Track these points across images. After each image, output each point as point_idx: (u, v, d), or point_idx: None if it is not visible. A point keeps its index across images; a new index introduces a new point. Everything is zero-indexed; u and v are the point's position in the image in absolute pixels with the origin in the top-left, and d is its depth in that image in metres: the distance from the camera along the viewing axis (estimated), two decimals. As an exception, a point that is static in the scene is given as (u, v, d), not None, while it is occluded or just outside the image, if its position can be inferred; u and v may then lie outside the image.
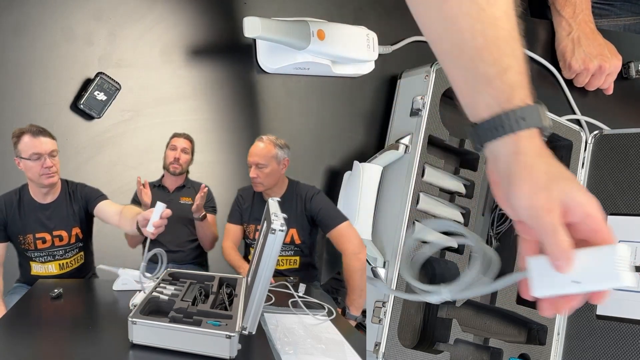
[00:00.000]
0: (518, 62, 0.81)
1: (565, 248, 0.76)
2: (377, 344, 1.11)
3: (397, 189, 1.17)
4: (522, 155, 0.79)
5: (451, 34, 0.82)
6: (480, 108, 0.82)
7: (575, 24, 1.50)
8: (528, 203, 0.78)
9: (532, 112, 0.80)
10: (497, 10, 0.80)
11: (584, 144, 1.33)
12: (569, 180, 0.79)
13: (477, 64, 0.81)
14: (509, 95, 0.80)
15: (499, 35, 0.80)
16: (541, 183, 0.77)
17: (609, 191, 1.28)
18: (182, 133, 1.21)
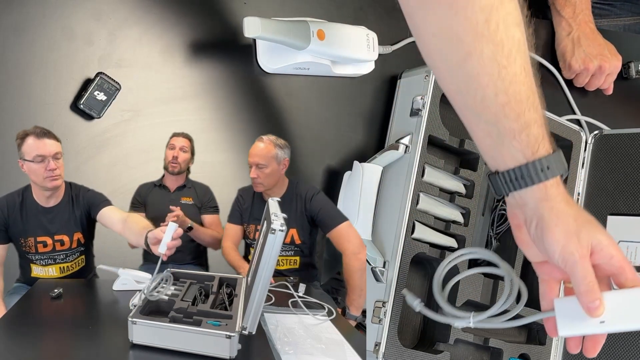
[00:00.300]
0: (539, 115, 0.85)
1: (598, 294, 0.82)
2: (377, 344, 1.11)
3: (397, 189, 1.17)
4: (551, 202, 0.85)
5: (474, 91, 0.84)
6: (506, 159, 0.86)
7: (575, 24, 1.50)
8: (562, 248, 0.84)
9: (555, 160, 0.85)
10: (517, 67, 0.83)
11: (584, 144, 1.33)
12: (593, 224, 0.85)
13: (501, 119, 0.84)
14: (534, 148, 0.85)
15: (520, 91, 0.83)
16: (572, 229, 0.84)
17: (609, 191, 1.28)
18: (181, 132, 1.21)
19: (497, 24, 0.82)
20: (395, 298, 1.13)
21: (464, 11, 0.82)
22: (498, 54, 0.82)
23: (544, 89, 1.51)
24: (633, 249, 1.23)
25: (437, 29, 0.84)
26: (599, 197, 1.29)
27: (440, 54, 0.87)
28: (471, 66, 0.83)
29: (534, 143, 0.85)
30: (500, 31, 0.82)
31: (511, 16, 0.83)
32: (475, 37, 0.82)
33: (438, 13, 0.83)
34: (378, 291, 1.14)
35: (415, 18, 0.86)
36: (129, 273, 1.21)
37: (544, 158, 0.85)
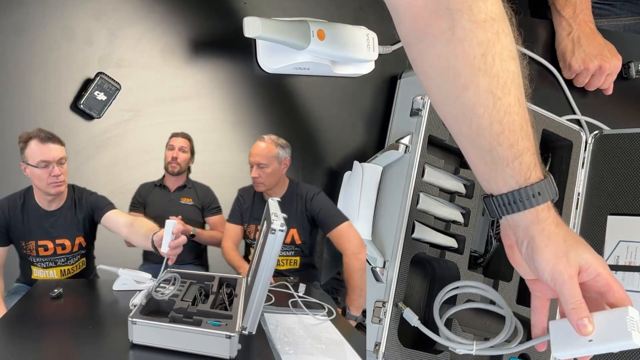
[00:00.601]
0: (531, 144, 0.89)
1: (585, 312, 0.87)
2: (377, 344, 1.11)
3: (397, 189, 1.17)
4: (542, 224, 0.89)
5: (469, 120, 0.88)
6: (499, 184, 0.91)
7: (575, 24, 1.50)
8: (551, 268, 0.88)
9: (546, 186, 0.89)
10: (512, 98, 0.86)
11: (584, 144, 1.33)
12: (581, 244, 0.90)
13: (495, 148, 0.88)
14: (527, 175, 0.89)
15: (514, 121, 0.87)
16: (561, 249, 0.88)
17: (609, 191, 1.28)
18: (180, 132, 1.21)
19: (494, 58, 0.85)
20: (395, 298, 1.13)
21: (462, 46, 0.85)
22: (493, 86, 0.86)
23: (544, 89, 1.52)
24: (633, 249, 1.23)
25: (435, 61, 0.88)
26: (599, 197, 1.29)
27: (438, 85, 0.90)
28: (467, 97, 0.87)
29: (526, 170, 0.89)
30: (496, 65, 0.85)
31: (506, 50, 0.86)
32: (472, 70, 0.85)
33: (436, 47, 0.87)
34: (378, 291, 1.14)
35: (415, 51, 0.90)
36: (129, 273, 1.21)
37: (536, 184, 0.88)
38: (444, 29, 0.86)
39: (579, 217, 1.29)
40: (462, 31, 0.85)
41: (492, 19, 0.85)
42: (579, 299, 0.87)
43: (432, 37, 0.87)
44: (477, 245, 1.29)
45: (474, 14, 0.84)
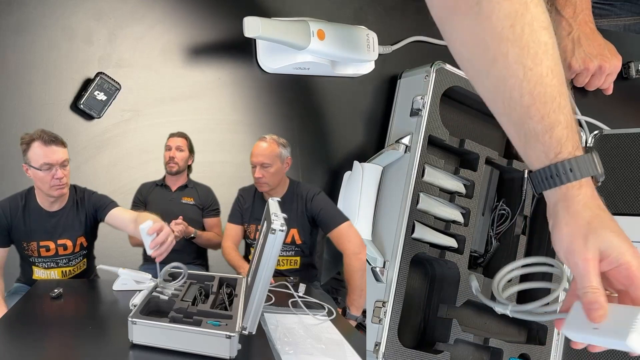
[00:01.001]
0: (565, 117, 0.86)
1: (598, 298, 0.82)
2: (377, 344, 1.11)
3: (397, 189, 1.17)
4: (569, 202, 0.87)
5: (502, 93, 0.87)
6: (533, 160, 0.89)
7: (575, 24, 1.50)
8: (566, 249, 0.86)
9: (581, 163, 0.86)
10: (544, 68, 0.85)
11: (584, 144, 1.33)
12: (608, 229, 0.85)
13: (526, 121, 0.87)
14: (557, 150, 0.87)
15: (545, 92, 0.85)
16: (581, 231, 0.84)
17: (609, 191, 1.28)
18: (177, 132, 1.20)
19: (522, 28, 0.84)
20: (395, 298, 1.13)
21: (490, 19, 0.85)
22: (523, 57, 0.85)
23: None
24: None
25: (466, 37, 0.88)
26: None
27: (471, 62, 0.90)
28: (498, 70, 0.86)
29: (556, 145, 0.86)
30: (526, 35, 0.84)
31: (537, 20, 0.85)
32: (500, 41, 0.85)
33: (465, 23, 0.87)
34: (378, 291, 1.14)
35: (445, 28, 0.90)
36: (129, 273, 1.21)
37: (567, 161, 0.86)
38: (472, 4, 0.85)
39: (579, 217, 1.29)
40: (489, 4, 0.84)
41: None
42: (591, 284, 0.83)
43: (462, 13, 0.87)
44: (477, 245, 1.29)
45: None
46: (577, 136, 0.88)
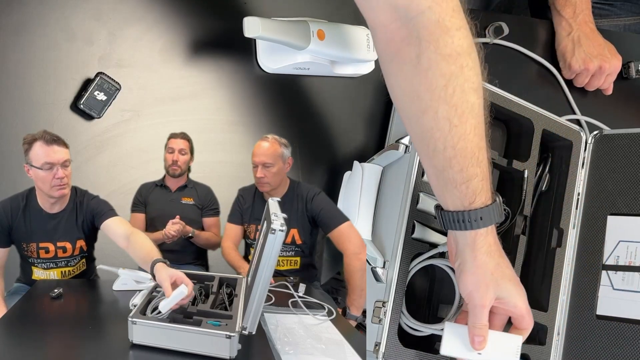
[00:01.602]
0: (482, 170, 0.95)
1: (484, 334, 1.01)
2: (377, 344, 1.10)
3: (397, 189, 1.17)
4: (475, 252, 0.98)
5: (427, 140, 0.94)
6: (448, 202, 0.98)
7: (575, 24, 1.50)
8: (469, 293, 1.00)
9: (489, 212, 0.96)
10: (468, 126, 0.92)
11: (584, 144, 1.33)
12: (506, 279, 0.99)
13: (447, 170, 0.94)
14: (471, 199, 0.96)
15: (466, 147, 0.93)
16: (485, 280, 0.98)
17: (609, 191, 1.28)
18: (179, 133, 1.20)
19: (454, 89, 0.90)
20: (395, 298, 1.13)
21: (426, 74, 0.90)
22: (451, 114, 0.91)
23: (544, 89, 1.52)
24: (633, 249, 1.23)
25: (402, 83, 0.94)
26: (599, 197, 1.29)
27: (403, 105, 0.97)
28: (427, 120, 0.93)
29: (472, 195, 0.95)
30: (457, 95, 0.91)
31: (469, 82, 0.91)
32: (432, 97, 0.91)
33: (404, 70, 0.93)
34: (378, 291, 1.14)
35: (386, 70, 0.96)
36: (129, 273, 1.21)
37: (479, 210, 0.95)
38: (412, 55, 0.91)
39: (579, 217, 1.29)
40: (428, 61, 0.90)
41: (457, 54, 0.90)
42: (483, 323, 1.00)
43: (401, 61, 0.92)
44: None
45: (440, 47, 0.89)
46: (489, 186, 0.97)
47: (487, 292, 0.99)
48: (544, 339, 1.27)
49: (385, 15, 0.91)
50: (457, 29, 0.90)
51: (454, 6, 0.90)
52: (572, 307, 1.26)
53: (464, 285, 1.00)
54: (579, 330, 1.25)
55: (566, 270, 1.27)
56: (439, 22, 0.89)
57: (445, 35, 0.89)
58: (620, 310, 1.21)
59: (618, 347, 1.20)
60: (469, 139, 0.92)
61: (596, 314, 1.24)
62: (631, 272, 1.22)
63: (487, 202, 0.96)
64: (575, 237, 1.29)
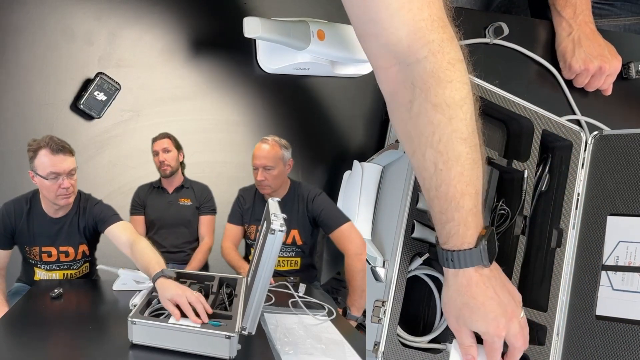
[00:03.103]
0: (461, 215, 0.99)
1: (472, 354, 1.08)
2: (376, 344, 1.10)
3: (397, 188, 1.17)
4: (447, 288, 1.06)
5: (418, 177, 1.02)
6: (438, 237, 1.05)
7: (575, 24, 1.50)
8: (446, 319, 1.09)
9: (460, 257, 1.01)
10: (453, 172, 0.97)
11: (584, 144, 1.33)
12: (474, 315, 1.04)
13: (432, 208, 1.01)
14: (445, 240, 1.02)
15: (448, 192, 0.97)
16: (454, 314, 1.05)
17: (609, 191, 1.28)
18: (159, 134, 1.19)
19: (441, 137, 0.95)
20: (395, 297, 1.13)
21: (417, 119, 0.96)
22: (437, 159, 0.96)
23: (544, 89, 1.52)
24: (633, 249, 1.23)
25: (398, 122, 1.00)
26: (599, 197, 1.29)
27: (400, 141, 1.05)
28: (416, 159, 0.99)
29: (446, 236, 1.01)
30: (443, 143, 0.96)
31: (457, 132, 0.95)
32: (420, 141, 0.97)
33: (400, 111, 0.98)
34: (378, 290, 1.14)
35: (388, 107, 1.01)
36: (129, 273, 1.21)
37: (450, 252, 1.01)
38: (407, 100, 0.96)
39: (579, 217, 1.29)
40: (419, 108, 0.95)
41: (447, 105, 0.94)
42: (464, 343, 1.07)
43: (398, 102, 0.98)
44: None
45: (431, 97, 0.94)
46: (469, 232, 1.00)
47: (458, 322, 1.06)
48: (544, 339, 1.27)
49: (385, 59, 0.96)
50: (449, 82, 0.94)
51: (450, 59, 0.94)
52: (572, 308, 1.26)
53: (444, 310, 1.09)
54: (578, 331, 1.25)
55: (566, 270, 1.27)
56: (434, 72, 0.93)
57: (437, 87, 0.94)
58: (620, 311, 1.21)
59: (617, 348, 1.20)
60: (451, 184, 0.97)
61: (596, 314, 1.24)
62: (631, 272, 1.22)
63: (460, 247, 1.00)
64: (575, 237, 1.28)
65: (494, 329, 1.04)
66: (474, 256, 1.01)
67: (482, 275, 1.03)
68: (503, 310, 1.05)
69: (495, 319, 1.04)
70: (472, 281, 1.03)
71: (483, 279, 1.03)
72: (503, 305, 1.05)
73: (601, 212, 1.28)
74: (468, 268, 1.02)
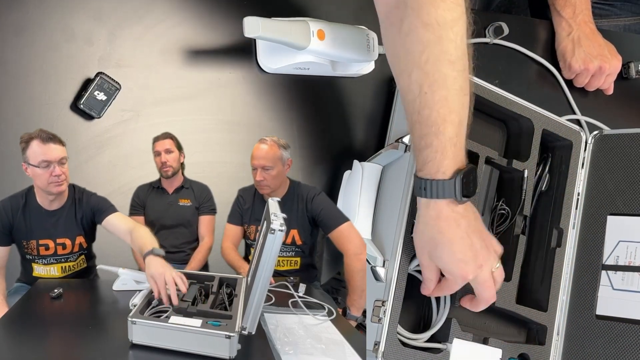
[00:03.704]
0: (440, 142, 0.97)
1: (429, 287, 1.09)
2: (376, 343, 1.10)
3: (397, 188, 1.17)
4: (419, 217, 1.04)
5: (403, 101, 1.00)
6: (415, 165, 1.02)
7: (575, 24, 1.50)
8: (418, 257, 1.08)
9: (432, 185, 0.98)
10: (437, 96, 0.95)
11: (584, 144, 1.33)
12: (439, 251, 1.02)
13: (412, 133, 1.00)
14: (421, 167, 0.99)
15: (430, 115, 0.96)
16: (423, 247, 1.04)
17: (609, 191, 1.28)
18: (161, 134, 1.20)
19: (429, 57, 0.94)
20: (395, 297, 1.13)
21: (406, 38, 0.96)
22: (422, 80, 0.95)
23: (544, 89, 1.52)
24: (633, 249, 1.23)
25: (388, 43, 1.01)
26: (599, 197, 1.29)
27: (390, 64, 1.02)
28: (403, 81, 0.98)
29: (422, 163, 0.99)
30: (430, 63, 0.95)
31: (445, 54, 0.95)
32: (408, 61, 0.96)
33: (391, 31, 0.99)
34: (378, 290, 1.14)
35: (382, 31, 1.02)
36: (129, 273, 1.21)
37: (424, 180, 0.99)
38: (397, 19, 0.96)
39: (579, 217, 1.29)
40: (409, 26, 0.95)
41: (437, 24, 0.93)
42: (426, 277, 1.08)
43: (390, 23, 0.98)
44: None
45: (422, 15, 0.94)
46: (446, 161, 0.97)
47: (427, 258, 1.04)
48: (544, 339, 1.27)
49: None
50: (442, 1, 0.93)
51: None
52: (572, 307, 1.26)
53: (415, 243, 1.07)
54: (578, 330, 1.25)
55: (566, 270, 1.27)
56: None
57: (429, 5, 0.93)
58: (620, 310, 1.21)
59: (617, 347, 1.20)
60: (434, 108, 0.95)
61: (596, 314, 1.24)
62: (631, 272, 1.22)
63: (435, 176, 0.98)
64: (575, 237, 1.29)
65: (459, 270, 1.02)
66: (447, 188, 0.98)
67: (453, 211, 1.00)
68: (473, 255, 1.02)
69: (462, 260, 1.02)
70: (442, 214, 1.00)
71: (455, 216, 1.00)
72: (474, 249, 1.02)
73: (601, 212, 1.28)
74: (439, 200, 0.99)
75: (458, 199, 0.98)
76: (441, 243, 1.01)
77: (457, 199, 0.98)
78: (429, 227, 1.02)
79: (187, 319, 0.97)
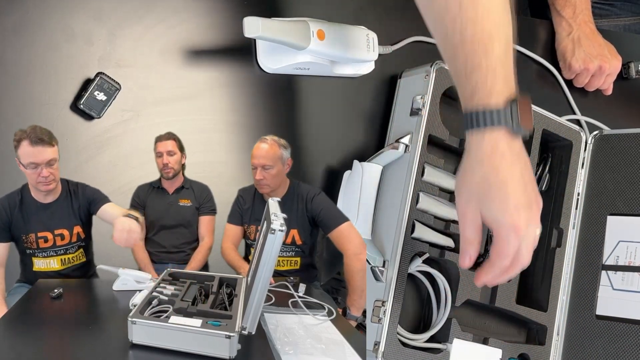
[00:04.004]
0: (489, 62, 0.86)
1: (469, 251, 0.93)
2: (376, 343, 1.11)
3: (397, 188, 1.17)
4: (467, 154, 0.90)
5: (440, 29, 0.89)
6: (461, 101, 0.90)
7: (575, 24, 1.50)
8: (455, 196, 0.93)
9: (486, 115, 0.87)
10: (479, 9, 0.85)
11: (584, 144, 1.33)
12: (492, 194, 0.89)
13: (456, 59, 0.88)
14: (470, 97, 0.88)
15: (475, 33, 0.85)
16: (466, 191, 0.91)
17: (609, 191, 1.28)
18: (164, 134, 1.19)
19: None
20: (395, 297, 1.13)
21: None
22: None
23: (544, 89, 1.52)
24: (633, 249, 1.23)
25: None
26: (599, 197, 1.29)
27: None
28: (438, 3, 0.88)
29: (472, 91, 0.87)
30: None
31: None
32: None
33: None
34: (378, 290, 1.14)
35: None
36: (129, 273, 1.21)
37: (474, 112, 0.87)
38: None
39: (579, 217, 1.29)
40: None
41: None
42: (466, 236, 0.92)
43: None
44: (479, 244, 1.29)
45: None
46: (497, 86, 0.86)
47: (468, 203, 0.91)
48: (544, 339, 1.27)
49: None
50: None
51: None
52: (572, 307, 1.26)
53: (456, 189, 0.93)
54: (578, 330, 1.25)
55: (566, 270, 1.27)
56: None
57: None
58: (620, 310, 1.21)
59: (617, 347, 1.20)
60: (478, 23, 0.85)
61: (596, 314, 1.24)
62: (631, 272, 1.22)
63: (487, 105, 0.86)
64: (575, 237, 1.29)
65: (511, 219, 0.88)
66: (503, 115, 0.86)
67: (510, 147, 0.88)
68: (527, 201, 0.89)
69: (516, 207, 0.88)
70: (497, 149, 0.87)
71: (512, 152, 0.88)
72: (528, 195, 0.89)
73: (601, 212, 1.28)
74: (495, 131, 0.87)
75: (514, 128, 0.87)
76: (495, 185, 0.88)
77: (513, 128, 0.86)
78: (481, 165, 0.88)
79: (187, 319, 0.96)
